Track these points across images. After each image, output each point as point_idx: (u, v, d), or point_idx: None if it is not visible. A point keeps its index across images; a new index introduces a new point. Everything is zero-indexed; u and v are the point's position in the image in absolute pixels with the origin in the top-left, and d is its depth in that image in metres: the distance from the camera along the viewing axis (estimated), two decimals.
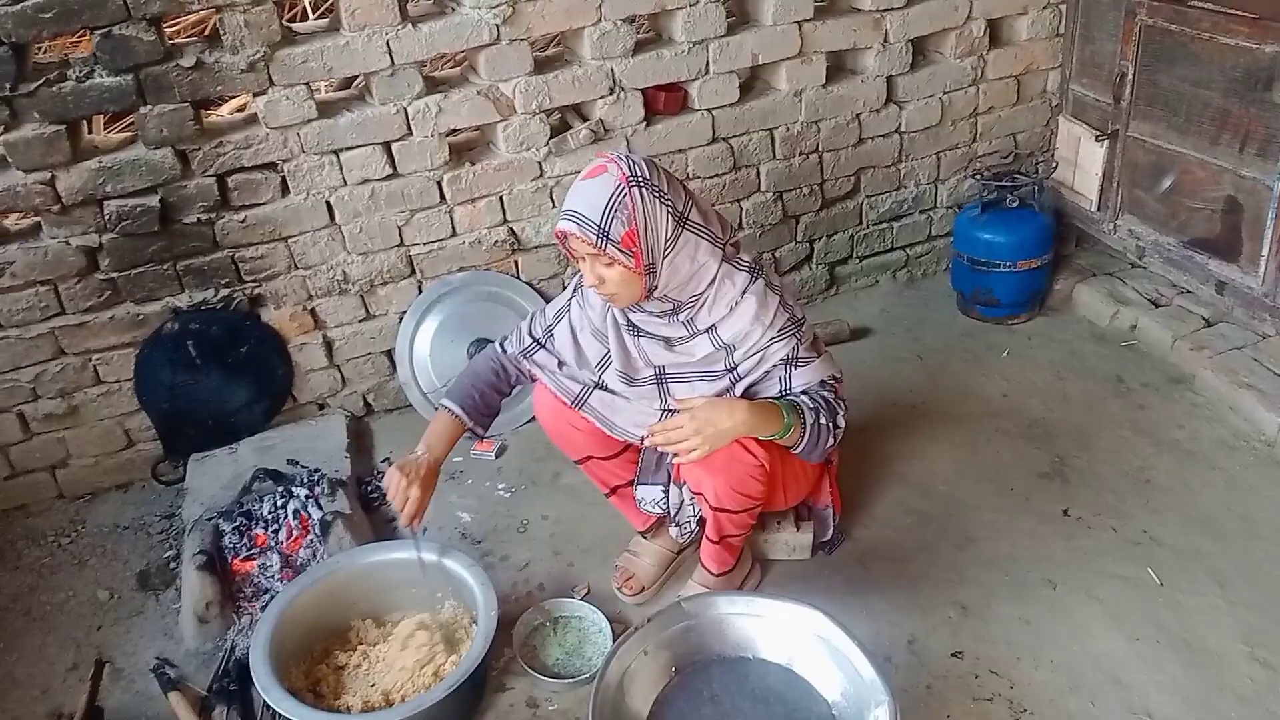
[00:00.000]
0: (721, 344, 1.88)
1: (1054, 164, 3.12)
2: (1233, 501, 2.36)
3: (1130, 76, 2.83)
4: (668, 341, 1.92)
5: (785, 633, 1.87)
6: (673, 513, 2.13)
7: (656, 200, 1.76)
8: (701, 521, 2.08)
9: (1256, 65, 2.47)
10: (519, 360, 2.10)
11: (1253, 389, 2.58)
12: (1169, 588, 2.14)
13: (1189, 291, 2.94)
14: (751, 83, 2.96)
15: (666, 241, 1.79)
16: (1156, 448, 2.55)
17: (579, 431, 2.07)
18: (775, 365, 1.89)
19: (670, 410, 1.94)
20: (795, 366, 1.90)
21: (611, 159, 1.78)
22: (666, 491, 2.11)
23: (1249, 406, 2.57)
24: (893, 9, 2.89)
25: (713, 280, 1.85)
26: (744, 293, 1.86)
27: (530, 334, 2.10)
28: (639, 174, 1.76)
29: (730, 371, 1.90)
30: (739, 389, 1.90)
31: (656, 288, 1.82)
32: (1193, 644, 2.01)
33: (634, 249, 1.75)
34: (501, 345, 2.14)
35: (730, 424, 1.79)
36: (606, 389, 2.02)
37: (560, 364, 2.05)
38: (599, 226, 1.73)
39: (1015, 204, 3.00)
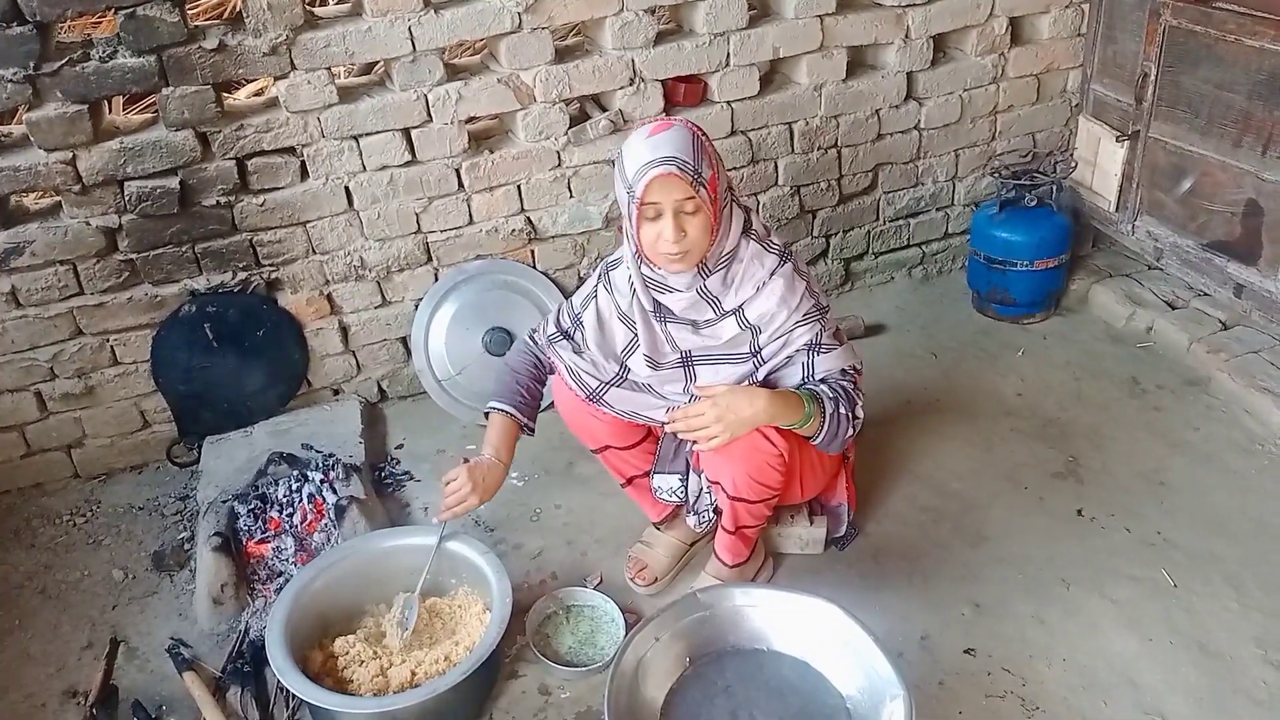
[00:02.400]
0: (748, 325, 1.89)
1: (1073, 164, 3.11)
2: (1247, 504, 2.35)
3: (1152, 77, 2.82)
4: (694, 325, 1.93)
5: (801, 626, 1.88)
6: (691, 500, 2.13)
7: (715, 154, 1.83)
8: (719, 510, 2.09)
9: None
10: (547, 349, 2.11)
11: (1269, 393, 2.58)
12: (1183, 589, 2.14)
13: (1206, 294, 2.93)
14: (771, 76, 2.96)
15: (725, 193, 1.84)
16: (1171, 449, 2.54)
17: (598, 421, 2.08)
18: (799, 350, 1.90)
19: (691, 398, 1.94)
20: (819, 353, 1.91)
21: (670, 119, 1.82)
22: (684, 480, 2.11)
23: (1265, 410, 2.56)
24: (915, 5, 2.88)
25: (740, 256, 1.87)
26: (772, 274, 1.88)
27: (558, 323, 2.10)
28: (701, 129, 1.82)
29: (755, 355, 1.91)
30: (762, 373, 1.92)
31: (711, 247, 1.83)
32: (1206, 646, 2.01)
33: (715, 195, 1.79)
34: (532, 336, 2.15)
35: (751, 412, 1.80)
36: (626, 383, 2.02)
37: (580, 353, 2.05)
38: (695, 166, 1.75)
39: (1033, 203, 2.98)
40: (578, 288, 2.92)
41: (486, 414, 2.10)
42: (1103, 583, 2.17)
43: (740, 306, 1.89)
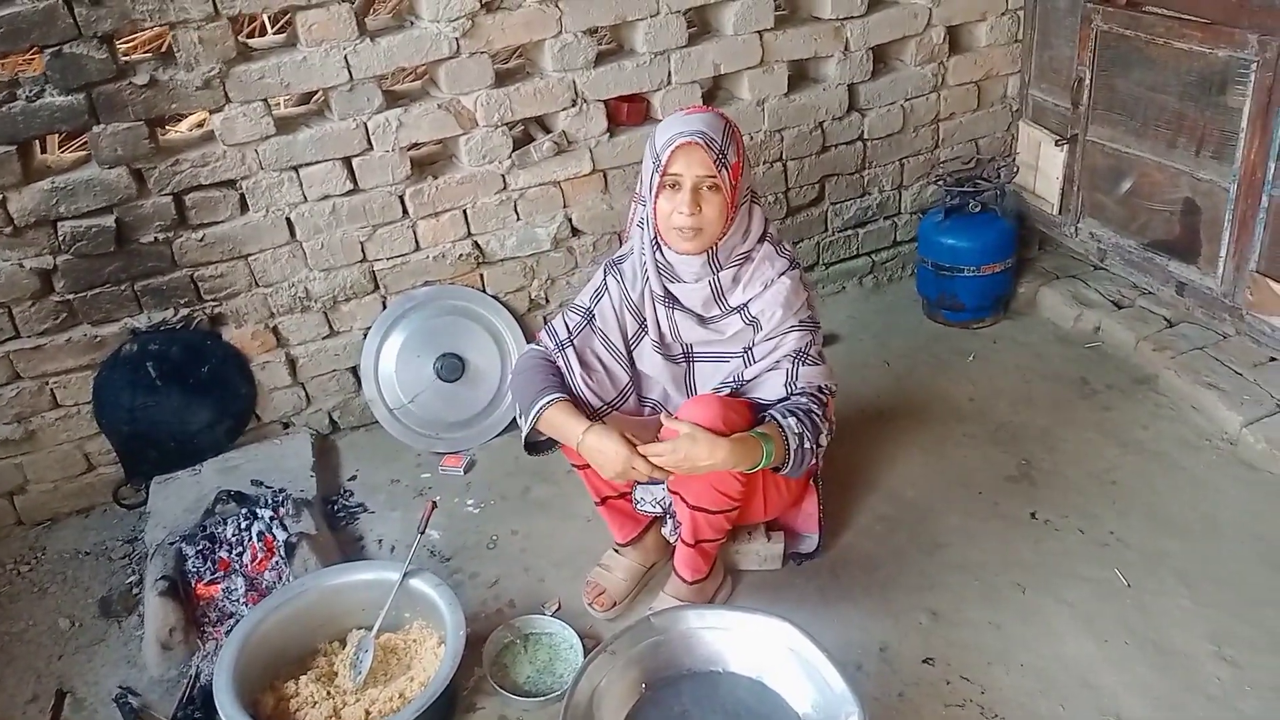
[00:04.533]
0: (750, 319, 1.95)
1: (1015, 168, 3.15)
2: (1197, 501, 2.38)
3: (1087, 81, 2.86)
4: (701, 319, 1.98)
5: (755, 645, 1.87)
6: (670, 505, 2.11)
7: (745, 148, 1.91)
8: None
9: (1210, 69, 2.50)
10: (556, 356, 2.04)
11: (1214, 388, 2.61)
12: (1136, 588, 2.15)
13: (1150, 293, 2.97)
14: (714, 92, 2.97)
15: (745, 191, 1.90)
16: (1122, 448, 2.57)
17: None
18: (786, 355, 1.94)
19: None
20: (803, 363, 1.94)
21: (707, 107, 1.90)
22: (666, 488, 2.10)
23: (1211, 405, 2.59)
24: (852, 17, 2.90)
25: (753, 258, 1.94)
26: (781, 274, 1.95)
27: (565, 326, 2.05)
28: (734, 121, 1.91)
29: (747, 352, 1.97)
30: (749, 373, 1.96)
31: (725, 235, 1.88)
32: (1160, 644, 2.02)
33: (735, 182, 1.84)
34: (535, 345, 2.08)
35: (709, 462, 1.79)
36: (628, 402, 2.03)
37: (588, 369, 2.00)
38: (721, 145, 1.81)
39: (978, 209, 3.01)
40: (529, 310, 2.94)
41: (534, 441, 1.99)
42: (1058, 585, 2.18)
43: (746, 303, 1.95)
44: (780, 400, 1.93)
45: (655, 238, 1.95)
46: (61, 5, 2.18)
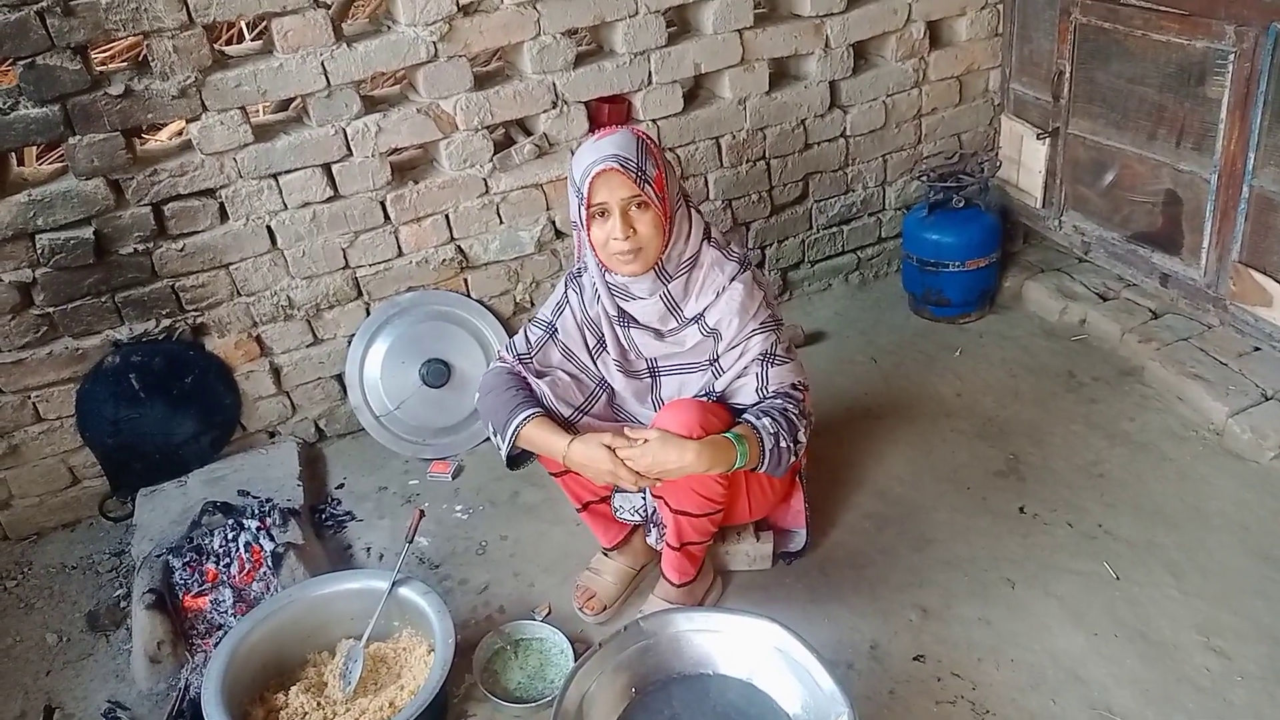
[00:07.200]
0: (709, 330, 1.93)
1: (998, 163, 3.15)
2: (1184, 492, 2.38)
3: (1068, 74, 2.86)
4: (658, 333, 1.96)
5: (744, 647, 1.86)
6: (651, 513, 2.11)
7: (663, 157, 1.90)
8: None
9: (1189, 60, 2.50)
10: (522, 370, 2.03)
11: (1200, 379, 2.61)
12: (1125, 581, 2.16)
13: (1135, 285, 2.97)
14: (695, 92, 2.96)
15: (676, 196, 1.89)
16: (1109, 441, 2.57)
17: None
18: (754, 360, 1.92)
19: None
20: (772, 365, 1.93)
21: (616, 126, 1.89)
22: (645, 497, 2.10)
23: (1197, 396, 2.60)
24: (832, 14, 2.90)
25: (701, 263, 1.92)
26: (732, 280, 1.92)
27: (526, 339, 2.06)
28: (648, 135, 1.91)
29: (713, 363, 1.95)
30: (720, 384, 1.94)
31: (668, 245, 1.87)
32: (1149, 636, 2.02)
33: (663, 194, 1.83)
34: (500, 358, 2.07)
35: (679, 465, 1.79)
36: (596, 407, 2.01)
37: (543, 376, 2.00)
38: (638, 164, 1.79)
39: (961, 204, 3.01)
40: (514, 314, 2.93)
41: (513, 454, 1.98)
42: (1046, 579, 2.18)
43: (701, 313, 1.93)
44: (755, 405, 1.93)
45: (600, 264, 1.92)
46: (34, 16, 2.16)
